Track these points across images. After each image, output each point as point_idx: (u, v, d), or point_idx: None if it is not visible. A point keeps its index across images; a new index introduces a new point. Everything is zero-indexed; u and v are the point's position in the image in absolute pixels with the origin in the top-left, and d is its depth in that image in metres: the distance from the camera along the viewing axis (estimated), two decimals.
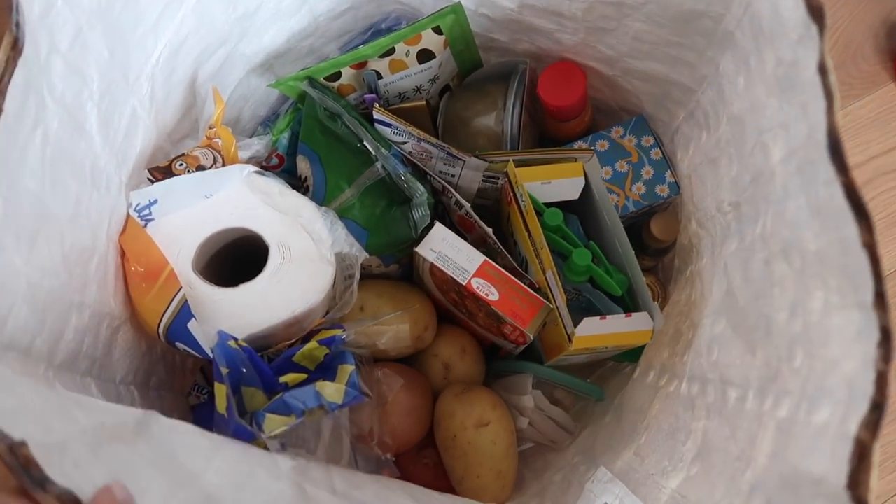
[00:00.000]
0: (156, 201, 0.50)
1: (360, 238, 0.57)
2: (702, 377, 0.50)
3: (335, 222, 0.55)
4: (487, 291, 0.58)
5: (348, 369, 0.49)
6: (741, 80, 0.48)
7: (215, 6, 0.53)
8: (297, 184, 0.62)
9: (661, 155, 0.65)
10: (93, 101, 0.43)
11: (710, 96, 0.54)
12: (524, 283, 0.58)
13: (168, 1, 0.49)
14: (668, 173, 0.65)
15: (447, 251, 0.58)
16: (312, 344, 0.52)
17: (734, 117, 0.49)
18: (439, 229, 0.58)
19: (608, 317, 0.56)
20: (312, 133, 0.60)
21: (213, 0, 0.53)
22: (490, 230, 0.60)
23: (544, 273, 0.57)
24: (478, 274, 0.58)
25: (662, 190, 0.65)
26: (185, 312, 0.48)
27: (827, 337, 0.35)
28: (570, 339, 0.56)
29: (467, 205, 0.60)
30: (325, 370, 0.52)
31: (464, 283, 0.57)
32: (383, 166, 0.59)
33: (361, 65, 0.61)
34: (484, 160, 0.60)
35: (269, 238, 0.52)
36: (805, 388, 0.36)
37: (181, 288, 0.48)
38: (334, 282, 0.55)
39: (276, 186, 0.53)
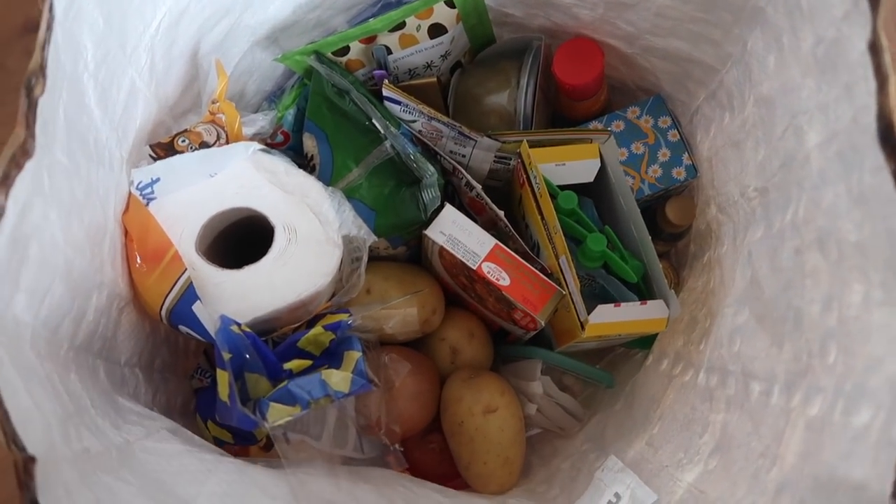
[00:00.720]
0: (158, 179, 0.47)
1: (367, 219, 0.54)
2: (721, 368, 0.48)
3: (342, 203, 0.52)
4: (498, 276, 0.55)
5: (355, 356, 0.47)
6: (771, 60, 0.45)
7: None
8: (303, 162, 0.59)
9: (678, 136, 0.62)
10: (89, 73, 0.40)
11: (734, 76, 0.51)
12: (536, 268, 0.56)
13: None
14: (686, 156, 0.62)
15: (457, 234, 0.55)
16: (318, 329, 0.50)
17: (763, 98, 0.46)
18: (450, 211, 0.56)
19: (622, 304, 0.53)
20: (319, 110, 0.57)
21: None
22: (502, 213, 0.57)
23: (557, 258, 0.55)
24: (489, 258, 0.55)
25: (679, 173, 0.62)
26: (189, 295, 0.45)
27: (867, 334, 0.33)
28: (582, 327, 0.53)
29: (478, 186, 0.57)
30: (331, 356, 0.49)
31: (474, 268, 0.55)
32: (392, 145, 0.56)
33: (371, 39, 0.58)
34: (496, 140, 0.57)
35: (274, 219, 0.50)
36: (841, 387, 0.34)
37: (185, 270, 0.46)
38: (341, 264, 0.52)
39: (282, 165, 0.51)
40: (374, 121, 0.56)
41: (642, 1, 0.52)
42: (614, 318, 0.54)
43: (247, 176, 0.49)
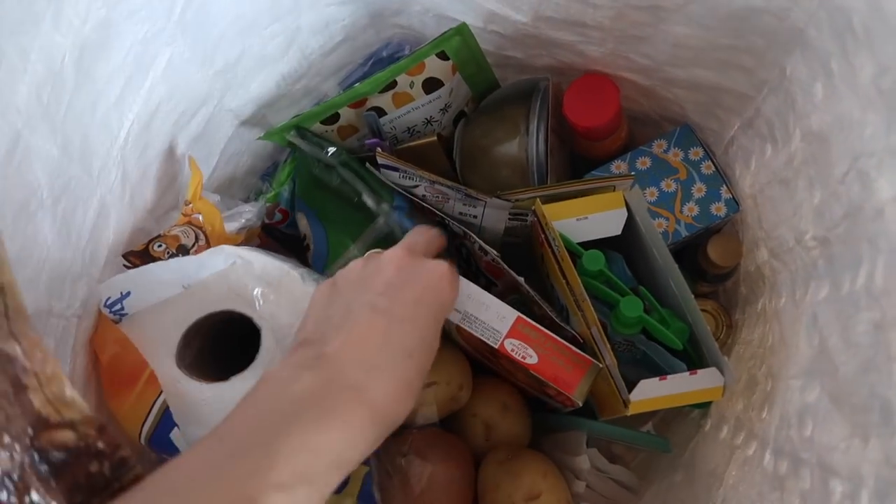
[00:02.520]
0: (128, 293, 0.42)
1: None
2: (792, 454, 0.39)
3: None
4: (524, 354, 0.48)
5: (361, 472, 0.41)
6: (818, 88, 0.37)
7: (189, 66, 0.45)
8: (300, 243, 0.53)
9: (713, 168, 0.54)
10: (44, 209, 0.35)
11: (774, 104, 0.43)
12: (566, 338, 0.48)
13: (131, 71, 0.41)
14: (724, 188, 0.53)
15: (473, 310, 0.48)
16: None
17: (812, 133, 0.38)
18: (463, 285, 0.48)
19: (669, 376, 0.45)
20: (308, 188, 0.52)
21: (185, 60, 0.45)
22: (522, 279, 0.50)
23: (588, 328, 0.47)
24: (511, 334, 0.48)
25: (719, 209, 0.53)
26: (167, 420, 0.40)
27: None
28: (626, 405, 0.45)
29: (494, 252, 0.50)
30: None
31: (496, 347, 0.48)
32: (386, 222, 0.50)
33: (361, 103, 0.52)
34: (507, 200, 0.50)
35: (259, 319, 0.44)
36: None
37: (161, 393, 0.40)
38: None
39: (260, 262, 0.45)
40: (364, 197, 0.50)
41: (657, 32, 0.44)
42: (661, 393, 0.46)
43: (225, 277, 0.44)
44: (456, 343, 0.57)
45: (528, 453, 0.53)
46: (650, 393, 0.45)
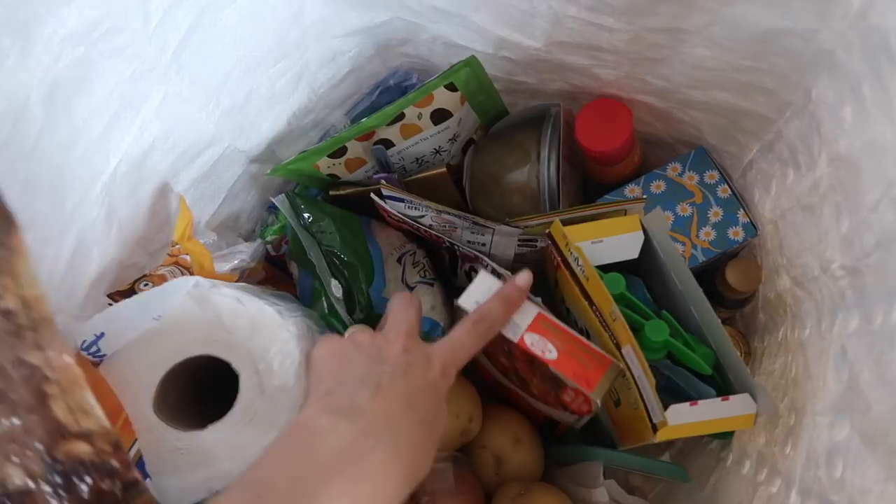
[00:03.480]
0: (102, 335, 0.40)
1: None
2: (821, 496, 0.36)
3: (311, 334, 0.44)
4: (544, 349, 0.45)
5: None
6: (848, 112, 0.34)
7: (188, 106, 0.44)
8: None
9: (729, 192, 0.51)
10: None
11: (797, 127, 0.41)
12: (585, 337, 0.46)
13: (118, 109, 0.39)
14: (741, 212, 0.51)
15: None
16: None
17: (841, 158, 0.36)
18: (485, 278, 0.45)
19: (700, 402, 0.42)
20: (295, 241, 0.51)
21: (183, 100, 0.43)
22: (539, 299, 0.47)
23: (620, 349, 0.44)
24: (532, 328, 0.45)
25: (736, 233, 0.51)
26: (139, 471, 0.37)
27: None
28: (654, 430, 0.42)
29: (507, 273, 0.48)
30: None
31: (515, 340, 0.45)
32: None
33: (368, 136, 0.51)
34: (516, 227, 0.47)
35: (238, 364, 0.41)
36: None
37: (135, 440, 0.38)
38: None
39: (233, 298, 0.43)
40: (329, 288, 0.49)
41: (675, 54, 0.42)
42: (691, 419, 0.42)
43: (200, 318, 0.42)
44: (468, 368, 0.54)
45: (542, 488, 0.50)
46: (680, 419, 0.42)
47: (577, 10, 0.42)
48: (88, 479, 0.30)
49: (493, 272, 0.50)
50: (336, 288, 0.49)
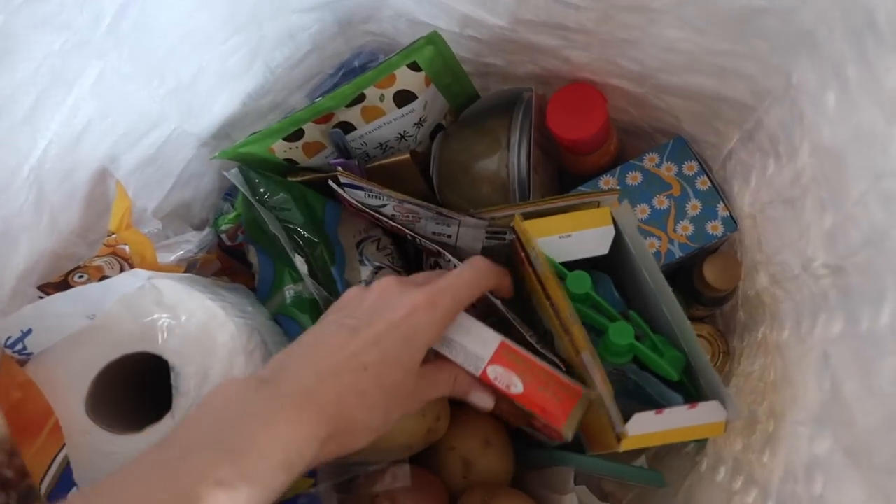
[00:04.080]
0: (29, 331, 0.37)
1: None
2: None
3: (257, 334, 0.41)
4: (508, 382, 0.42)
5: None
6: (831, 98, 0.31)
7: (128, 83, 0.40)
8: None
9: (709, 184, 0.48)
10: None
11: (778, 115, 0.37)
12: (552, 366, 0.42)
13: (47, 85, 0.35)
14: (721, 206, 0.48)
15: (454, 335, 0.42)
16: None
17: (824, 148, 0.32)
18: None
19: (666, 410, 0.39)
20: (252, 222, 0.47)
21: (123, 77, 0.40)
22: (499, 301, 0.44)
23: (579, 354, 0.41)
24: (495, 360, 0.42)
25: (715, 227, 0.48)
26: (66, 478, 0.35)
27: None
28: (619, 440, 0.39)
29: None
30: None
31: (477, 375, 0.42)
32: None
33: (327, 118, 0.47)
34: (482, 219, 0.44)
35: (178, 363, 0.38)
36: None
37: (63, 445, 0.35)
38: None
39: (178, 294, 0.39)
40: (294, 262, 0.45)
41: (646, 36, 0.39)
42: (657, 428, 0.40)
43: (141, 314, 0.38)
44: None
45: (509, 493, 0.47)
46: (645, 428, 0.39)
47: None
48: None
49: (455, 268, 0.46)
50: (301, 264, 0.45)
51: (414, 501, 0.46)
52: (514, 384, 0.42)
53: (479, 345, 0.41)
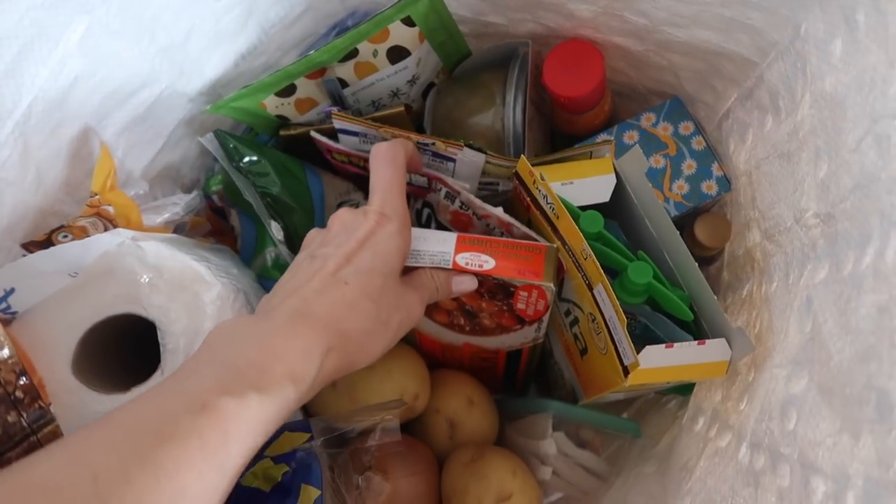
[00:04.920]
0: (12, 290, 0.37)
1: None
2: (771, 448, 0.35)
3: (243, 295, 0.41)
4: (479, 262, 0.42)
5: (312, 495, 0.35)
6: (837, 46, 0.32)
7: (117, 39, 0.40)
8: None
9: (704, 144, 0.50)
10: None
11: (780, 70, 0.38)
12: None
13: (30, 38, 0.35)
14: (716, 165, 0.49)
15: (415, 245, 0.43)
16: (266, 462, 0.38)
17: (825, 96, 0.34)
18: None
19: (676, 344, 0.40)
20: (231, 186, 0.46)
21: (112, 33, 0.39)
22: (500, 209, 0.45)
23: (591, 289, 0.42)
24: (459, 249, 0.43)
25: (709, 187, 0.49)
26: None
27: None
28: (626, 374, 0.40)
29: (466, 186, 0.44)
30: (285, 492, 0.37)
31: (449, 266, 0.42)
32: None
33: (319, 73, 0.47)
34: (483, 151, 0.44)
35: (163, 324, 0.38)
36: None
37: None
38: None
39: (161, 254, 0.39)
40: (270, 229, 0.46)
41: None
42: (666, 363, 0.40)
43: (124, 273, 0.38)
44: (412, 343, 0.51)
45: (495, 451, 0.48)
46: (654, 362, 0.39)
47: None
48: None
49: (448, 196, 0.46)
50: (276, 230, 0.45)
51: (405, 475, 0.47)
52: (485, 261, 0.42)
53: (439, 244, 0.43)
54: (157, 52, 0.43)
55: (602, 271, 0.39)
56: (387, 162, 0.39)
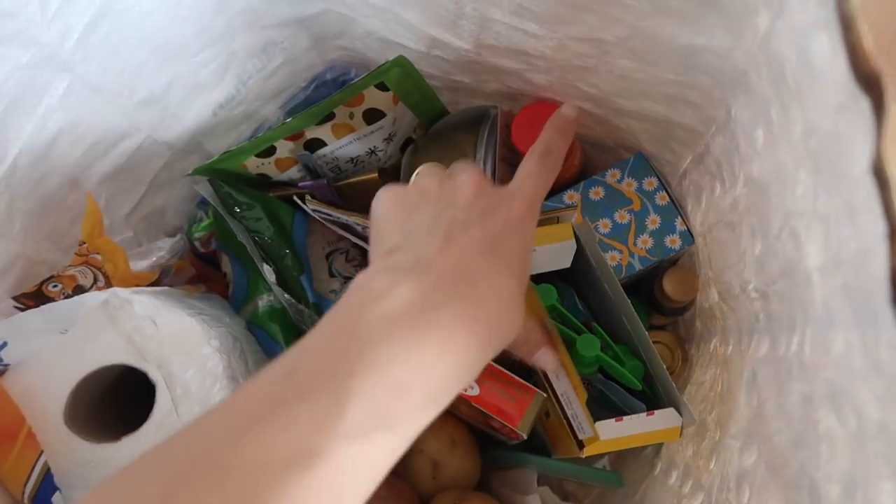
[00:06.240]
0: (5, 344, 0.40)
1: (273, 351, 0.47)
2: None
3: (239, 343, 0.44)
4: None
5: None
6: (760, 135, 0.34)
7: (97, 95, 0.43)
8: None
9: (668, 199, 0.52)
10: None
11: (721, 143, 0.40)
12: (507, 366, 0.46)
13: (15, 96, 0.39)
14: (679, 220, 0.51)
15: None
16: None
17: (754, 180, 0.36)
18: None
19: (625, 418, 0.43)
20: (224, 232, 0.50)
21: (92, 89, 0.42)
22: None
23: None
24: None
25: (673, 241, 0.51)
26: (49, 482, 0.38)
27: None
28: (581, 447, 0.43)
29: None
30: None
31: None
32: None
33: (298, 135, 0.50)
34: None
35: (155, 375, 0.41)
36: None
37: (41, 452, 0.39)
38: None
39: (149, 308, 0.42)
40: (262, 272, 0.48)
41: (601, 63, 0.42)
42: (618, 434, 0.44)
43: (115, 329, 0.41)
44: None
45: (478, 497, 0.51)
46: (606, 434, 0.43)
47: (500, 14, 0.41)
48: None
49: None
50: (269, 273, 0.48)
51: None
52: (471, 387, 0.46)
53: None
54: (137, 104, 0.46)
55: (564, 348, 0.42)
56: (550, 166, 0.33)
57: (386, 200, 0.32)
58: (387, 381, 0.22)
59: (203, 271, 0.55)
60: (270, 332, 0.49)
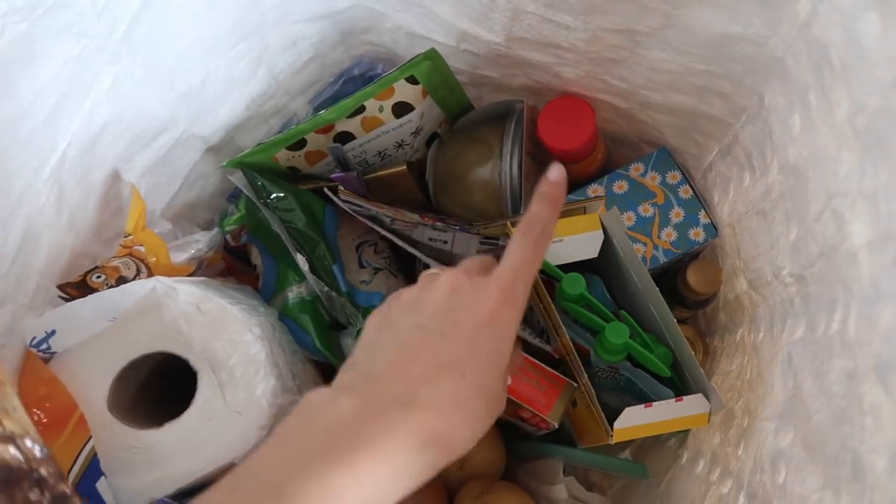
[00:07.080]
0: (53, 332, 0.40)
1: (303, 342, 0.46)
2: (765, 500, 0.38)
3: (270, 333, 0.44)
4: None
5: None
6: (796, 120, 0.35)
7: (142, 88, 0.43)
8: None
9: (691, 192, 0.52)
10: None
11: (752, 132, 0.41)
12: (535, 355, 0.46)
13: (66, 89, 0.39)
14: (703, 213, 0.52)
15: None
16: None
17: (789, 166, 0.36)
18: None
19: (654, 404, 0.43)
20: (256, 224, 0.50)
21: (136, 82, 0.43)
22: None
23: (567, 355, 0.45)
24: None
25: (697, 234, 0.52)
26: (94, 468, 0.38)
27: None
28: (609, 435, 0.44)
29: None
30: None
31: None
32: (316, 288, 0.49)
33: (328, 128, 0.50)
34: (474, 234, 0.48)
35: (197, 361, 0.41)
36: None
37: (90, 438, 0.39)
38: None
39: (192, 297, 0.42)
40: (296, 261, 0.49)
41: (632, 56, 0.43)
42: (646, 420, 0.44)
43: (159, 317, 0.42)
44: None
45: (504, 486, 0.51)
46: (635, 421, 0.43)
47: (534, 6, 0.42)
48: (14, 487, 0.30)
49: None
50: (302, 262, 0.49)
51: (413, 498, 0.50)
52: None
53: None
54: (176, 98, 0.47)
55: (571, 344, 0.43)
56: (534, 241, 0.32)
57: (371, 318, 0.33)
58: (323, 489, 0.24)
59: (232, 265, 0.55)
60: (301, 322, 0.49)
